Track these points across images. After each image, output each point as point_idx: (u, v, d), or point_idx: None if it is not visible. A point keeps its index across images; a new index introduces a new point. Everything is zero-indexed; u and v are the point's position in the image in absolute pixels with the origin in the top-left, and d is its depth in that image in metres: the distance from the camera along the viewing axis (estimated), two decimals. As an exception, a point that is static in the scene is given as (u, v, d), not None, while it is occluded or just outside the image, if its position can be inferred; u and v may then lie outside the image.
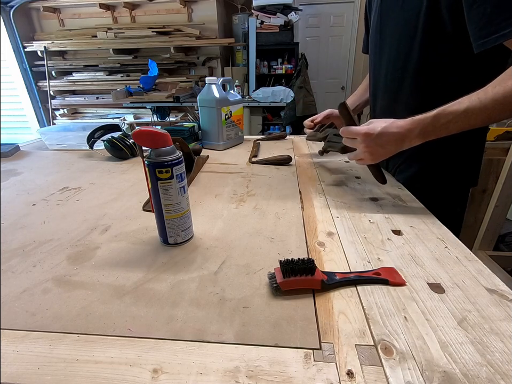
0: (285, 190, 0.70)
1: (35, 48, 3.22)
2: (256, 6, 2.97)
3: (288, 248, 0.48)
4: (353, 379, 0.28)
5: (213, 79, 0.99)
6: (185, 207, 0.48)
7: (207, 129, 1.05)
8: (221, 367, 0.29)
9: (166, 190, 0.45)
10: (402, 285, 0.39)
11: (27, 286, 0.41)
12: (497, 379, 0.27)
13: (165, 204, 0.46)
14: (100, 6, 3.07)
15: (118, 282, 0.41)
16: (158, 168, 0.44)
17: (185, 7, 3.08)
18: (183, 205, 0.47)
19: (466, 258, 0.44)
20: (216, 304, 0.37)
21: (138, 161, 0.95)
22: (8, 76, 3.36)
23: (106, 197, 0.68)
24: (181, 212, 0.48)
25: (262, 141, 1.16)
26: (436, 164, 0.75)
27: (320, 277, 0.38)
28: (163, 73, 3.24)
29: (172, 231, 0.48)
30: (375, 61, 0.81)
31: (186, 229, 0.50)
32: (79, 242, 0.51)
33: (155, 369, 0.29)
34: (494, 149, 1.53)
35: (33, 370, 0.29)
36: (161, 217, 0.47)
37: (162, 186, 0.45)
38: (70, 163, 0.94)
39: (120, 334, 0.33)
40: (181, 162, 0.46)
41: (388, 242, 0.49)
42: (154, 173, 0.44)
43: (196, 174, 0.81)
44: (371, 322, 0.34)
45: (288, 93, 2.72)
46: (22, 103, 3.52)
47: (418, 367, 0.28)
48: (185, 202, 0.48)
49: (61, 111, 3.49)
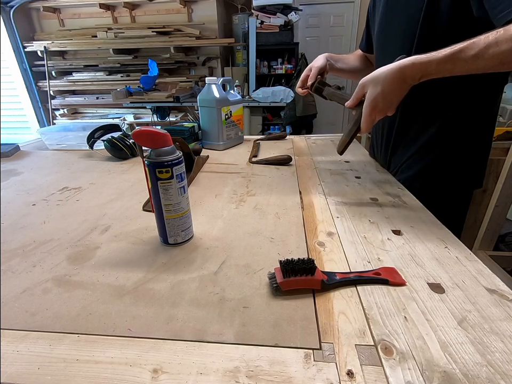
0: (285, 190, 0.70)
1: (35, 48, 3.23)
2: (256, 6, 2.97)
3: (288, 248, 0.48)
4: (353, 379, 0.28)
5: (213, 79, 0.99)
6: (185, 207, 0.48)
7: (207, 129, 1.05)
8: (221, 367, 0.29)
9: (166, 190, 0.45)
10: (402, 285, 0.39)
11: (27, 286, 0.41)
12: (497, 379, 0.27)
13: (165, 204, 0.46)
14: (100, 6, 3.07)
15: (118, 282, 0.41)
16: (158, 168, 0.44)
17: (185, 7, 3.09)
18: (183, 205, 0.47)
19: (466, 258, 0.44)
20: (216, 304, 0.37)
21: (138, 161, 0.95)
22: (8, 76, 3.36)
23: (106, 197, 0.68)
24: (181, 212, 0.48)
25: (262, 141, 1.16)
26: (440, 164, 0.74)
27: (320, 277, 0.38)
28: (163, 73, 3.24)
29: (172, 231, 0.48)
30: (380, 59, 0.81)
31: (186, 229, 0.50)
32: (79, 242, 0.51)
33: (155, 369, 0.29)
34: (494, 148, 1.52)
35: (33, 370, 0.29)
36: (161, 217, 0.47)
37: (162, 186, 0.45)
38: (70, 163, 0.94)
39: (120, 334, 0.33)
40: (181, 162, 0.46)
41: (387, 242, 0.49)
42: (154, 172, 0.44)
43: (195, 174, 0.81)
44: (371, 322, 0.34)
45: (288, 93, 2.72)
46: (22, 103, 3.52)
47: (418, 367, 0.28)
48: (185, 202, 0.48)
49: (61, 111, 3.49)
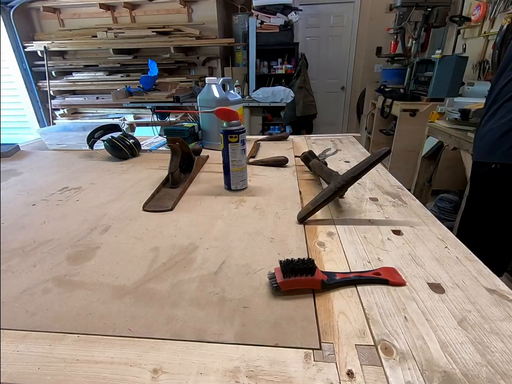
0: (285, 190, 0.70)
1: (35, 48, 3.22)
2: (256, 6, 2.97)
3: (288, 248, 0.48)
4: (353, 379, 0.28)
5: (213, 79, 0.99)
6: (244, 164, 0.69)
7: (207, 129, 1.05)
8: (221, 367, 0.29)
9: (233, 150, 0.66)
10: (402, 285, 0.39)
11: (27, 286, 0.41)
12: (497, 379, 0.27)
13: (232, 160, 0.66)
14: (100, 6, 3.07)
15: (118, 282, 0.41)
16: (229, 134, 0.64)
17: (185, 7, 3.08)
18: (243, 162, 0.68)
19: (466, 258, 0.44)
20: (216, 304, 0.37)
21: (138, 161, 0.95)
22: (8, 76, 3.35)
23: (106, 197, 0.68)
24: (241, 167, 0.69)
25: (262, 141, 1.16)
26: None
27: (320, 277, 0.38)
28: (163, 73, 3.23)
29: (234, 180, 0.69)
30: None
31: (243, 180, 0.71)
32: (79, 242, 0.51)
33: (155, 369, 0.29)
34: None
35: (33, 370, 0.29)
36: (228, 170, 0.68)
37: (231, 147, 0.65)
38: (70, 163, 0.94)
39: (120, 334, 0.33)
40: (244, 131, 0.66)
41: (388, 242, 0.49)
42: (227, 138, 0.64)
43: (195, 174, 0.81)
44: (371, 322, 0.33)
45: (288, 93, 2.71)
46: (22, 103, 3.51)
47: (418, 367, 0.28)
48: (244, 160, 0.69)
49: (61, 111, 3.48)
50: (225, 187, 0.71)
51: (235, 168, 0.67)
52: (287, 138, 1.18)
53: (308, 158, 0.80)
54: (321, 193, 0.57)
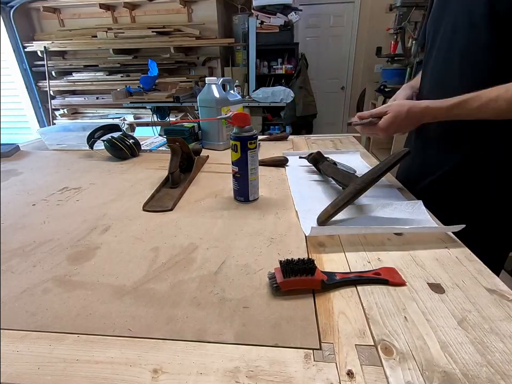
0: (285, 190, 0.70)
1: (35, 48, 3.22)
2: (256, 6, 2.97)
3: (288, 248, 0.48)
4: (353, 379, 0.28)
5: (213, 79, 0.99)
6: (257, 173, 0.63)
7: (207, 129, 1.05)
8: (221, 367, 0.29)
9: (252, 157, 0.60)
10: (402, 285, 0.39)
11: (27, 286, 0.41)
12: (497, 379, 0.27)
13: (250, 168, 0.61)
14: (100, 6, 3.06)
15: (118, 282, 0.41)
16: (249, 140, 0.58)
17: (185, 7, 3.08)
18: (256, 170, 0.63)
19: (466, 258, 0.44)
20: (216, 304, 0.37)
21: (138, 161, 0.95)
22: (8, 76, 3.35)
23: (106, 197, 0.68)
24: (256, 176, 0.63)
25: (262, 142, 1.15)
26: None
27: (320, 277, 0.38)
28: (163, 73, 3.23)
29: (252, 190, 0.63)
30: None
31: (257, 190, 0.65)
32: (79, 242, 0.51)
33: (155, 369, 0.29)
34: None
35: (33, 370, 0.29)
36: (246, 179, 0.62)
37: (250, 154, 0.59)
38: (70, 163, 0.94)
39: (120, 334, 0.33)
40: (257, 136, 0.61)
41: (387, 242, 0.49)
42: (246, 144, 0.58)
43: (195, 174, 0.81)
44: (371, 322, 0.33)
45: (288, 93, 2.71)
46: (22, 103, 3.51)
47: (418, 367, 0.28)
48: (257, 168, 0.63)
49: (61, 111, 3.49)
50: (239, 199, 0.64)
51: (253, 176, 0.62)
52: (287, 139, 1.18)
53: (316, 160, 0.77)
54: (341, 196, 0.54)
